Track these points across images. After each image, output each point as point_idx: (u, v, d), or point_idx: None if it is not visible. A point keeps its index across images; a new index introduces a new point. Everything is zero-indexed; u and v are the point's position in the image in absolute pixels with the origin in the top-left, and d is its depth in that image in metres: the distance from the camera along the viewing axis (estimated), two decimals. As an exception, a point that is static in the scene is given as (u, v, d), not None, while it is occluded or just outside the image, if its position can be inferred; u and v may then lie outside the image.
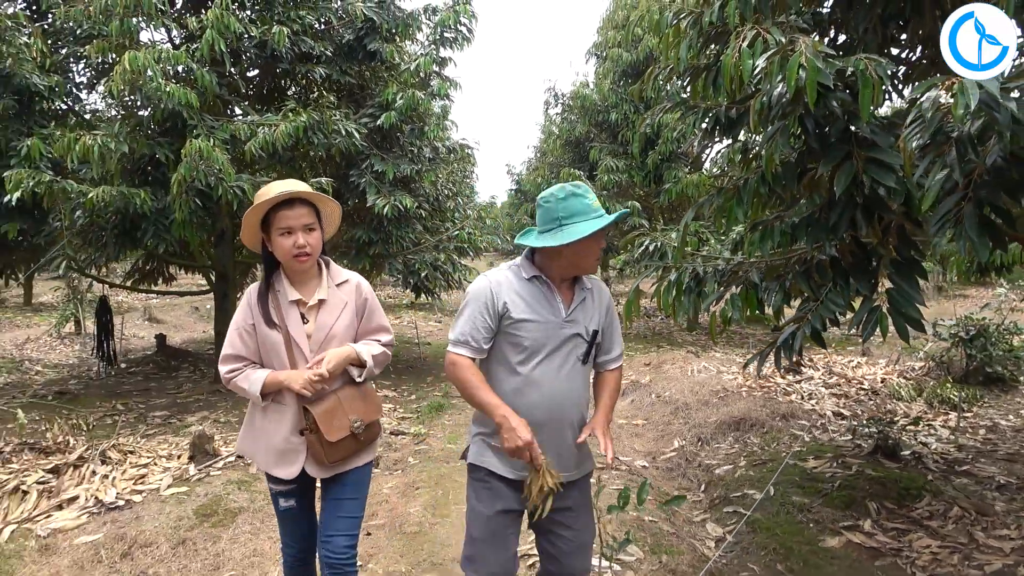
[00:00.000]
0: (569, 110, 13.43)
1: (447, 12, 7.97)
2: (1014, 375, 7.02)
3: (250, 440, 2.46)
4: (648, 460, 5.50)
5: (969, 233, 2.31)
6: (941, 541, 3.72)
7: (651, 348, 9.93)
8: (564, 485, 2.21)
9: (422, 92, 7.64)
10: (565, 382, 2.23)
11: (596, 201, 2.20)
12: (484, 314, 2.19)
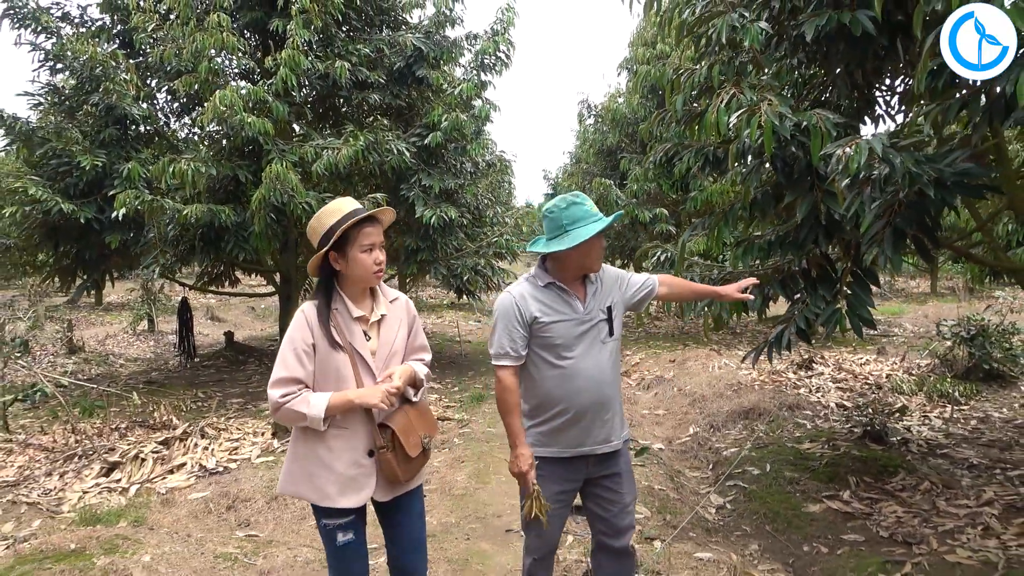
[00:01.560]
0: (601, 121, 14.16)
1: (487, 42, 8.80)
2: (1013, 372, 7.54)
3: (303, 475, 2.28)
4: (665, 444, 6.22)
5: (886, 251, 3.03)
6: (907, 508, 4.38)
7: (677, 347, 10.59)
8: (610, 455, 2.58)
9: (465, 114, 8.46)
10: (598, 364, 2.50)
11: (594, 207, 2.47)
12: (516, 325, 2.46)
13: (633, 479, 2.71)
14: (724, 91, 3.47)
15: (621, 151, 13.43)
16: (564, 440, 2.53)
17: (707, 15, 3.85)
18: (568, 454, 2.54)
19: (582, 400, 2.48)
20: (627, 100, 12.66)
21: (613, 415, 2.57)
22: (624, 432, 2.66)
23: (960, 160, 3.36)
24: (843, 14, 3.51)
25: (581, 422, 2.51)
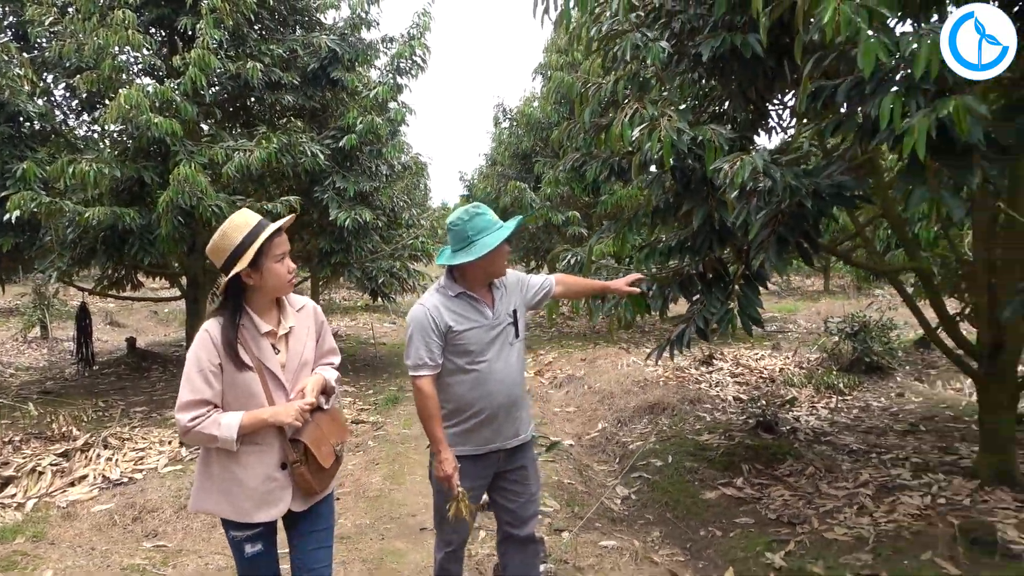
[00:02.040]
0: (516, 124, 14.41)
1: (403, 46, 8.86)
2: (891, 364, 8.22)
3: (215, 492, 2.24)
4: (575, 440, 6.47)
5: (771, 256, 3.32)
6: (793, 491, 4.76)
7: (589, 346, 10.93)
8: (518, 448, 2.75)
9: (380, 117, 8.49)
10: (508, 365, 2.66)
11: (495, 216, 2.61)
12: (432, 336, 2.57)
13: (538, 470, 2.89)
14: (628, 106, 3.70)
15: (536, 155, 13.70)
16: (477, 439, 2.68)
17: (613, 33, 4.08)
18: (481, 451, 2.70)
19: (495, 401, 2.64)
20: (541, 105, 12.93)
21: (521, 411, 2.75)
22: (531, 426, 2.83)
23: (836, 173, 3.71)
24: (735, 36, 3.81)
25: (495, 422, 2.67)
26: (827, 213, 3.37)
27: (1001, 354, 4.50)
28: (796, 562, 3.63)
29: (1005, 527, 3.89)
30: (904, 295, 5.04)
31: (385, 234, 9.65)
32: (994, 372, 4.54)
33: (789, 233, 3.35)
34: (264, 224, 2.26)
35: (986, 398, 4.64)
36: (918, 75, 2.70)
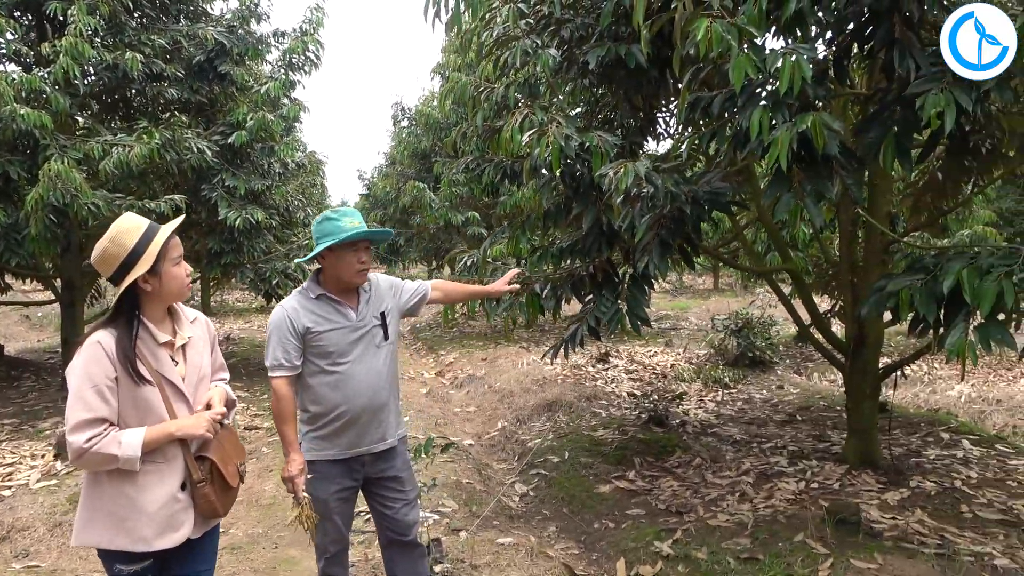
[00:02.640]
0: (415, 124, 14.32)
1: (295, 41, 8.63)
2: (772, 358, 8.73)
3: (109, 521, 2.03)
4: (475, 439, 6.52)
5: (654, 258, 3.47)
6: (681, 482, 4.98)
7: (490, 345, 11.02)
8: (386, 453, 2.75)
9: (272, 114, 8.24)
10: (373, 368, 2.67)
11: (354, 222, 2.57)
12: (289, 337, 2.57)
13: (413, 475, 2.90)
14: (518, 111, 3.77)
15: (435, 155, 13.67)
16: (341, 442, 2.68)
17: (504, 39, 4.15)
18: (345, 455, 2.70)
19: (358, 403, 2.64)
20: (440, 106, 12.90)
21: (388, 415, 2.75)
22: (400, 430, 2.84)
23: (713, 180, 3.93)
24: (620, 47, 3.96)
25: (357, 424, 2.67)
26: (704, 218, 3.56)
27: (864, 347, 4.87)
28: (682, 549, 3.81)
29: (868, 508, 4.23)
30: (780, 294, 5.37)
31: (279, 234, 9.38)
32: (858, 364, 4.91)
33: (671, 236, 3.52)
34: (156, 226, 2.13)
35: (852, 388, 5.01)
36: (782, 91, 2.90)
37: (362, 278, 2.68)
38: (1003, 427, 6.57)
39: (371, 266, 2.76)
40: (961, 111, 2.92)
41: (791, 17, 3.12)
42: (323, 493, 2.67)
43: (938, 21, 3.38)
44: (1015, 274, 2.99)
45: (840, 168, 3.21)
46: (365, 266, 2.68)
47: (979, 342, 3.03)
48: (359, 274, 2.65)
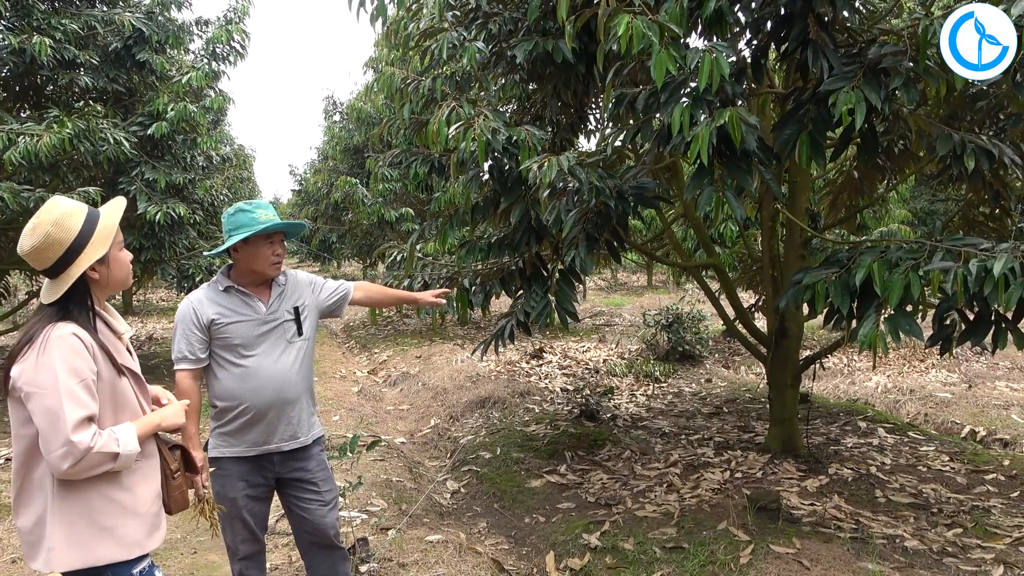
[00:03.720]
0: (347, 119, 14.07)
1: (219, 30, 8.34)
2: (701, 353, 8.93)
3: (95, 533, 1.85)
4: (407, 437, 6.45)
5: (581, 252, 3.49)
6: (611, 475, 5.04)
7: (425, 342, 10.92)
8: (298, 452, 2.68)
9: (195, 105, 7.95)
10: (282, 363, 2.61)
11: (267, 215, 2.55)
12: (193, 330, 2.54)
13: (330, 476, 2.83)
14: (445, 105, 3.72)
15: (368, 150, 13.46)
16: (248, 439, 2.60)
17: (430, 31, 4.09)
18: (253, 453, 2.62)
19: (263, 398, 2.57)
20: (372, 100, 12.72)
21: (300, 412, 2.68)
22: (314, 430, 2.76)
23: (639, 176, 3.97)
24: (547, 42, 3.95)
25: (264, 420, 2.59)
26: (629, 212, 3.59)
27: (785, 340, 5.02)
28: (610, 540, 3.85)
29: (789, 495, 4.37)
30: (706, 289, 5.49)
31: (204, 230, 9.06)
32: (779, 356, 5.06)
33: (596, 231, 3.54)
34: (95, 210, 1.96)
35: (774, 380, 5.16)
36: (702, 88, 2.95)
37: (276, 270, 2.66)
38: (916, 415, 6.89)
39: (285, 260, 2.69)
40: (871, 108, 3.03)
41: (711, 16, 3.17)
42: (232, 492, 2.60)
43: (849, 23, 3.51)
44: (921, 267, 3.13)
45: (759, 164, 3.30)
46: (280, 258, 2.65)
47: (889, 332, 3.15)
48: (273, 266, 2.63)
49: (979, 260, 2.98)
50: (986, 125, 4.76)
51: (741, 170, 3.15)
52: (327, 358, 10.22)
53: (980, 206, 5.32)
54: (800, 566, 3.31)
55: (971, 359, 8.74)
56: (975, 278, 2.94)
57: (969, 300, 3.11)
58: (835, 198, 5.79)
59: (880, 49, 3.13)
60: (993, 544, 3.71)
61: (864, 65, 3.11)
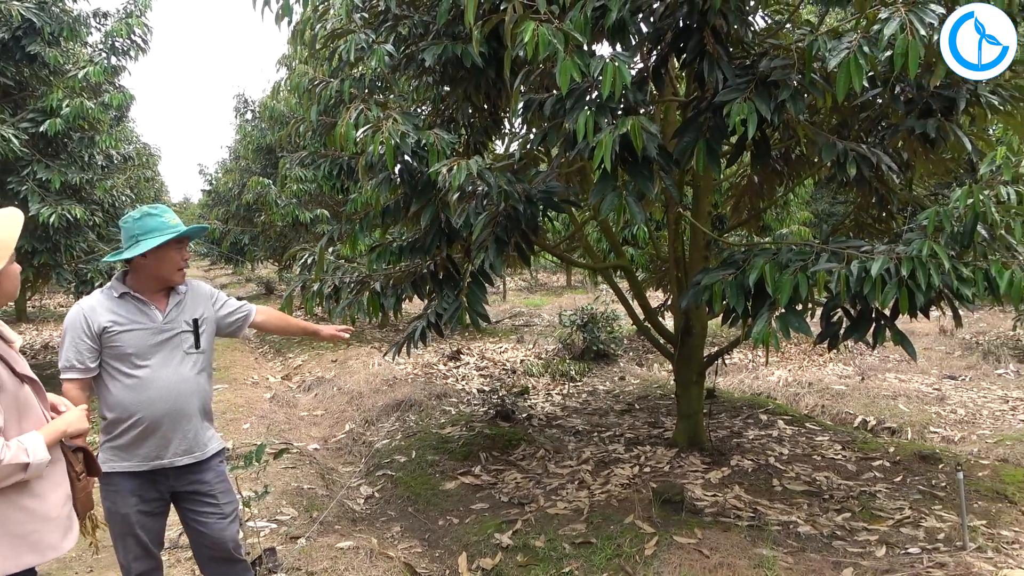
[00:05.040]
0: (260, 118, 13.69)
1: (119, 23, 7.96)
2: (615, 351, 9.15)
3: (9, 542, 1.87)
4: (321, 443, 6.34)
5: (490, 255, 3.53)
6: (525, 474, 5.10)
7: (341, 346, 10.74)
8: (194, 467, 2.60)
9: (93, 101, 7.57)
10: (178, 374, 2.54)
11: (174, 219, 2.53)
12: (83, 337, 2.44)
13: (230, 488, 2.78)
14: (353, 107, 3.70)
15: (281, 150, 13.14)
16: (140, 453, 2.52)
17: (339, 32, 4.05)
18: (146, 467, 2.54)
19: (157, 410, 2.50)
20: (285, 99, 12.42)
21: (195, 427, 2.61)
22: (212, 445, 2.70)
23: (549, 180, 4.05)
24: (457, 46, 3.98)
25: (157, 433, 2.51)
26: (538, 216, 3.66)
27: (690, 338, 5.22)
28: (522, 539, 3.90)
29: (693, 487, 4.54)
30: (616, 290, 5.64)
31: (104, 232, 8.64)
32: (685, 353, 5.25)
33: (506, 234, 3.59)
34: None
35: (680, 376, 5.35)
36: (605, 95, 3.04)
37: (182, 277, 2.62)
38: (813, 407, 7.28)
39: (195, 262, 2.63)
40: (762, 119, 3.20)
41: (613, 25, 3.27)
42: (124, 508, 2.51)
43: (743, 36, 3.69)
44: (809, 268, 3.32)
45: (660, 169, 3.42)
46: (186, 264, 2.61)
47: (780, 330, 3.33)
48: (180, 272, 2.59)
49: (860, 261, 3.19)
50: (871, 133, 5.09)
51: (643, 176, 3.27)
52: (239, 364, 9.92)
53: (869, 209, 5.67)
54: (700, 555, 3.45)
55: (864, 353, 9.29)
56: (856, 278, 3.15)
57: (852, 299, 3.33)
58: (738, 201, 6.05)
59: (771, 62, 3.30)
60: (877, 526, 3.97)
61: (756, 77, 3.28)
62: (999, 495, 4.36)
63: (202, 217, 18.90)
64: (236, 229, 14.84)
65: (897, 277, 3.07)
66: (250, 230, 14.33)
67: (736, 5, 3.25)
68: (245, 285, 22.31)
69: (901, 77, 3.26)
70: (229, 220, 15.13)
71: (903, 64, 2.78)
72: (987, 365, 8.47)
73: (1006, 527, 3.91)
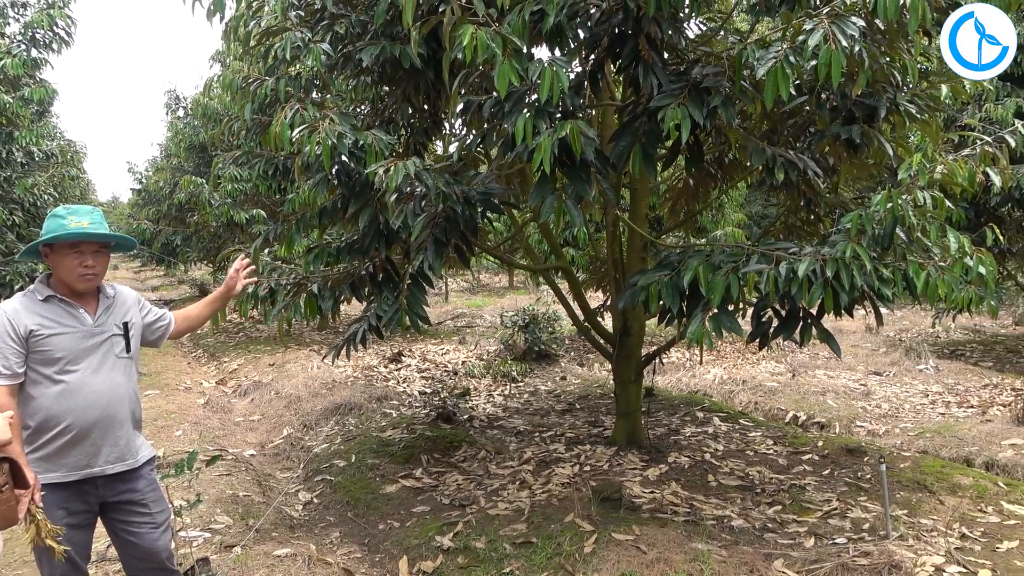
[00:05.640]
0: (192, 115, 13.29)
1: (39, 14, 7.62)
2: (556, 351, 9.23)
3: None
4: (257, 449, 6.20)
5: (429, 256, 3.52)
6: (466, 475, 5.10)
7: (279, 349, 10.52)
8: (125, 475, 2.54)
9: (11, 95, 7.23)
10: (108, 380, 2.48)
11: (81, 222, 2.42)
12: (9, 342, 2.36)
13: (162, 496, 2.72)
14: (289, 107, 3.63)
15: (214, 148, 12.78)
16: (69, 463, 2.43)
17: (273, 30, 3.98)
18: (74, 478, 2.45)
19: (87, 417, 2.43)
20: (219, 96, 12.07)
21: (127, 434, 2.55)
22: (143, 452, 2.63)
23: (488, 181, 4.06)
24: (395, 47, 3.95)
25: (86, 441, 2.44)
26: (476, 217, 3.67)
27: (628, 338, 5.31)
28: (462, 541, 3.90)
29: (632, 484, 4.62)
30: (556, 291, 5.69)
31: (25, 232, 8.26)
32: (624, 353, 5.34)
33: (444, 235, 3.59)
34: None
35: (619, 375, 5.44)
36: (543, 99, 3.07)
37: (85, 284, 2.48)
38: (747, 404, 7.50)
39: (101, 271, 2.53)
40: (695, 124, 3.28)
41: (551, 30, 3.31)
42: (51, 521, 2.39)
43: (677, 44, 3.78)
44: (740, 269, 3.42)
45: (598, 172, 3.47)
46: (89, 271, 2.47)
47: (713, 329, 3.42)
48: (81, 279, 2.46)
49: (788, 263, 3.31)
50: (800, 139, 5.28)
51: (581, 179, 3.31)
52: (171, 369, 9.62)
53: (798, 212, 5.87)
54: (638, 551, 3.51)
55: (796, 351, 9.61)
56: (784, 279, 3.26)
57: (780, 299, 3.45)
58: (674, 203, 6.19)
59: (703, 70, 3.38)
60: (806, 518, 4.12)
61: (689, 84, 3.36)
62: (919, 485, 4.57)
63: (132, 218, 18.23)
64: (168, 229, 14.37)
65: (823, 278, 3.19)
66: (183, 230, 13.90)
67: (669, 13, 3.32)
68: (178, 287, 21.65)
69: (826, 85, 3.38)
70: (160, 220, 14.65)
71: (827, 73, 2.90)
72: (909, 361, 8.87)
73: (925, 516, 4.10)
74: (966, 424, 6.12)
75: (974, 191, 3.75)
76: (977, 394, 7.07)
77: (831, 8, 3.04)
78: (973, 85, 4.34)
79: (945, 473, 4.72)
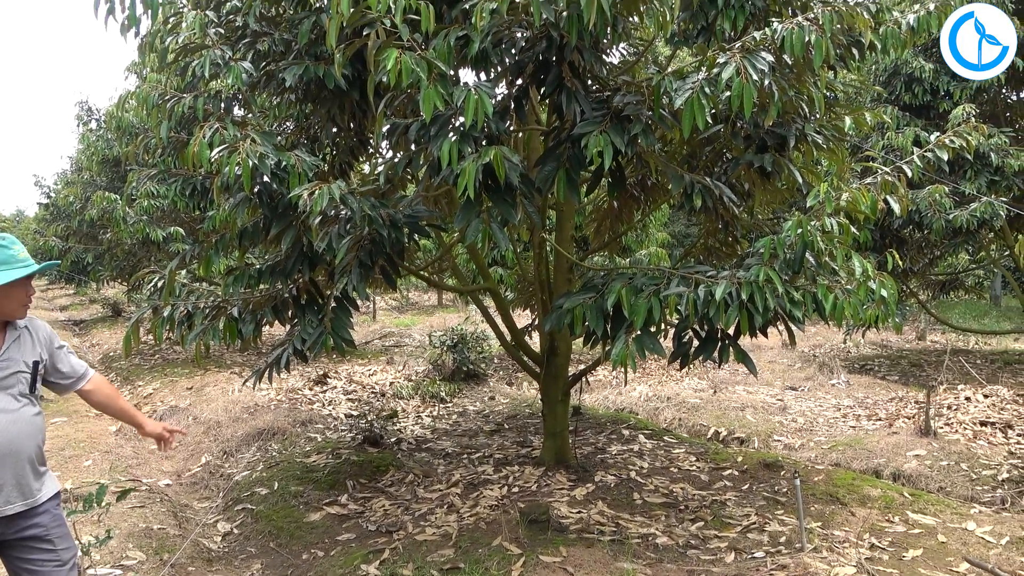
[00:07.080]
0: (105, 127, 12.75)
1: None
2: (485, 371, 9.22)
3: None
4: (173, 479, 5.94)
5: (353, 280, 3.48)
6: (393, 500, 5.02)
7: (197, 372, 10.13)
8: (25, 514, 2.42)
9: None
10: (12, 416, 2.38)
11: (23, 252, 2.39)
12: None
13: (68, 533, 2.60)
14: (208, 126, 3.54)
15: (130, 164, 12.29)
16: None
17: (192, 47, 3.88)
18: None
19: None
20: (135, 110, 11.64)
21: (32, 470, 2.44)
22: (49, 487, 2.53)
23: (415, 204, 4.05)
24: (319, 67, 3.92)
25: None
26: (402, 240, 3.65)
27: (555, 357, 5.36)
28: (389, 568, 3.83)
29: (559, 505, 4.64)
30: (483, 312, 5.70)
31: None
32: (551, 373, 5.38)
33: (370, 258, 3.55)
34: None
35: (546, 395, 5.48)
36: (468, 124, 3.09)
37: (24, 313, 2.46)
38: (672, 421, 7.66)
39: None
40: (617, 151, 3.37)
41: (476, 55, 3.35)
42: None
43: (599, 72, 3.87)
44: (661, 292, 3.51)
45: (523, 196, 3.52)
46: (30, 301, 2.47)
47: (636, 351, 3.50)
48: (23, 308, 2.44)
49: (706, 286, 3.41)
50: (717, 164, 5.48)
51: (506, 203, 3.34)
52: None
53: (716, 234, 6.07)
54: (565, 573, 3.53)
55: (717, 368, 9.91)
56: (703, 302, 3.37)
57: (700, 320, 3.55)
58: (599, 224, 6.30)
59: (624, 98, 3.48)
60: (727, 533, 4.23)
61: (611, 111, 3.45)
62: (832, 498, 4.77)
63: (39, 234, 17.33)
64: (78, 247, 13.70)
65: (738, 300, 3.31)
66: (95, 248, 13.27)
67: (591, 42, 3.41)
68: (89, 307, 20.58)
69: (739, 115, 3.53)
70: (70, 237, 13.96)
71: (740, 104, 3.04)
72: (822, 376, 9.27)
73: (838, 527, 4.28)
74: (875, 436, 6.42)
75: (876, 217, 3.97)
76: (884, 407, 7.44)
77: (743, 43, 3.19)
78: (873, 116, 4.61)
79: (856, 485, 4.94)
